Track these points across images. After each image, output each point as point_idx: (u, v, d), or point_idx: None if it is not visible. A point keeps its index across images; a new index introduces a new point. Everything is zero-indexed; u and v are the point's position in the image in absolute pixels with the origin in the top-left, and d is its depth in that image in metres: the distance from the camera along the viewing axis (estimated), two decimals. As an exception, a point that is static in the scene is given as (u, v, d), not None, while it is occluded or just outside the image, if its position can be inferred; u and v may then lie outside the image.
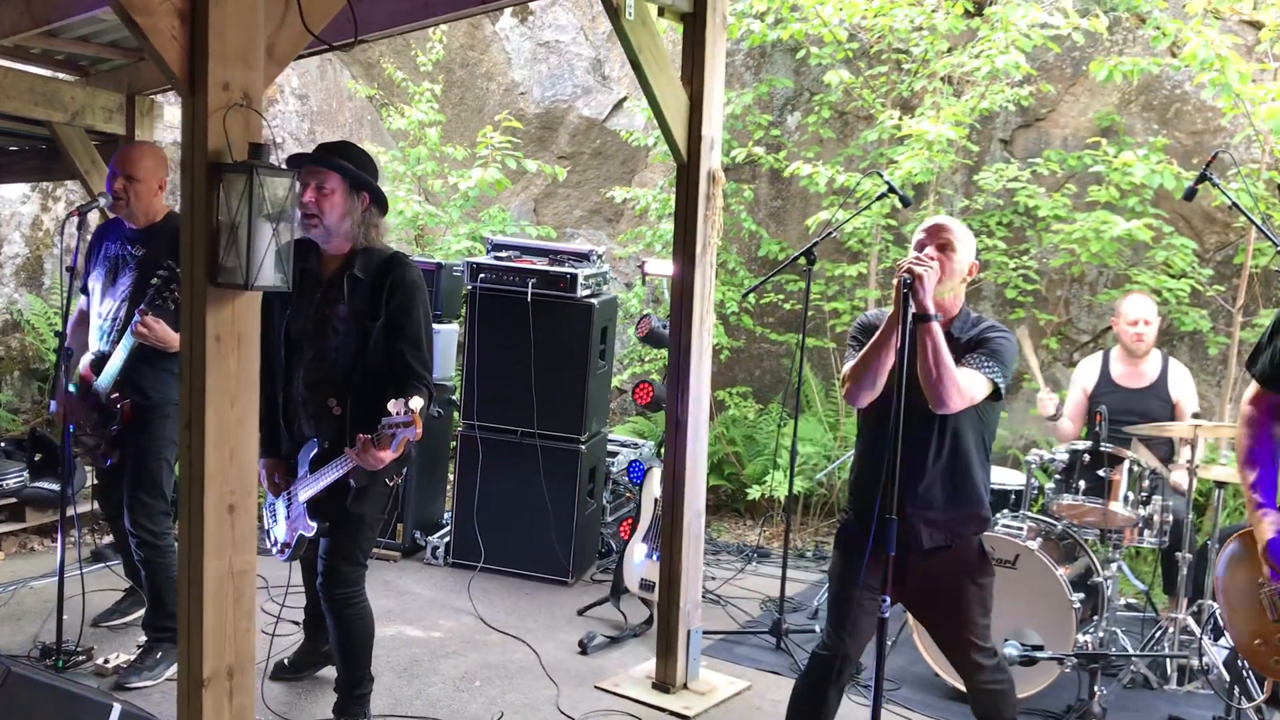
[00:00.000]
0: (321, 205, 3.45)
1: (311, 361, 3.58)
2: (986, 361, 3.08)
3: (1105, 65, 5.78)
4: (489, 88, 8.21)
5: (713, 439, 7.02)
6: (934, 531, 3.16)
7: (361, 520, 3.63)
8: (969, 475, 3.19)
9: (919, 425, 3.03)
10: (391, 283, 3.52)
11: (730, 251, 7.23)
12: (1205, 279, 6.01)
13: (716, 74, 4.15)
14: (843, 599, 3.28)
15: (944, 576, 3.21)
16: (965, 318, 3.23)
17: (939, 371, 2.93)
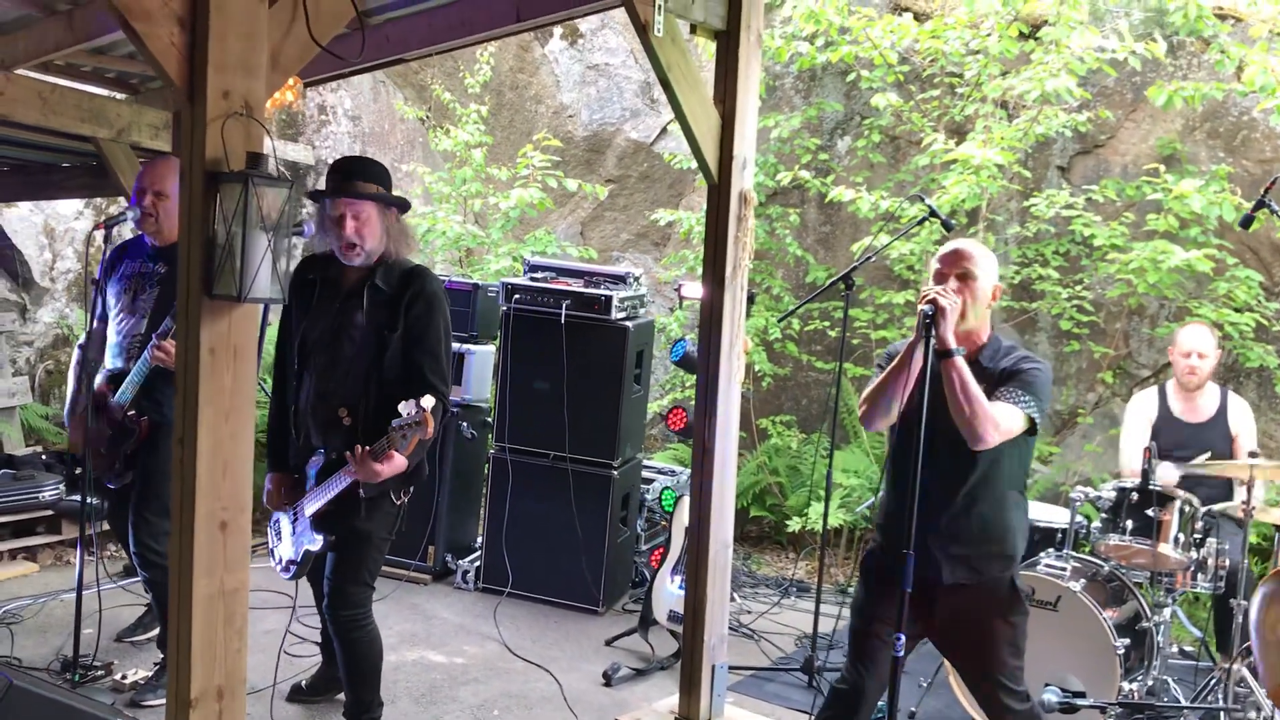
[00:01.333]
0: (362, 233, 3.46)
1: (325, 370, 3.54)
2: (1021, 395, 3.00)
3: (1165, 90, 5.58)
4: (538, 110, 8.19)
5: (755, 469, 6.88)
6: (956, 567, 3.09)
7: (369, 539, 3.56)
8: (998, 510, 3.11)
9: (945, 457, 2.97)
10: (412, 294, 3.51)
11: (775, 277, 7.10)
12: (1272, 313, 5.75)
13: (750, 93, 4.05)
14: (861, 633, 3.23)
15: (970, 613, 3.13)
16: (996, 346, 3.15)
17: (971, 407, 2.88)
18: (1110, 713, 4.00)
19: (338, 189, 3.47)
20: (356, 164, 3.62)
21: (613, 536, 5.44)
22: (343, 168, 3.55)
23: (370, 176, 3.53)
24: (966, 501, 3.07)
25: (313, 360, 3.56)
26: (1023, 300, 6.46)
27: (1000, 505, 3.11)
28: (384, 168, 3.63)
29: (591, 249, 7.76)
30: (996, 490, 3.09)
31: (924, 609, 3.05)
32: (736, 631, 5.21)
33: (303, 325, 3.58)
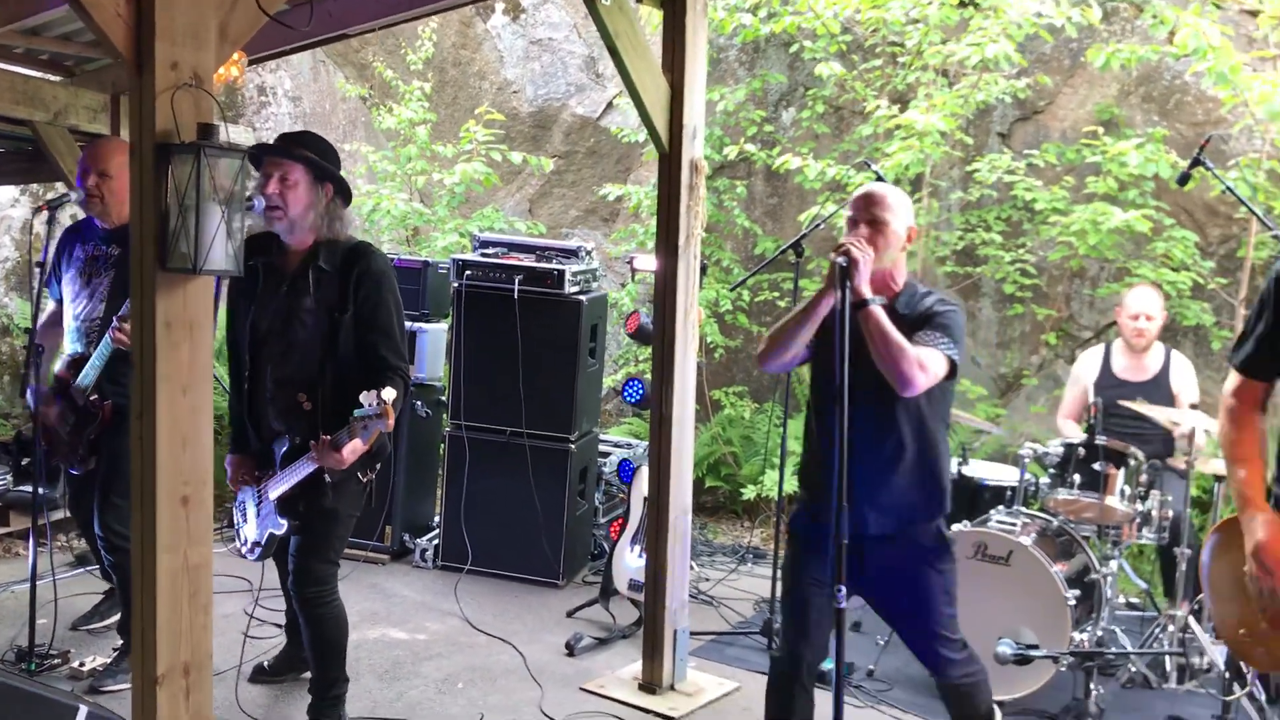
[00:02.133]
0: (285, 197, 3.39)
1: (280, 356, 3.51)
2: (940, 337, 2.96)
3: (1103, 52, 5.68)
4: (481, 86, 8.15)
5: (709, 439, 6.94)
6: (881, 517, 3.04)
7: (335, 517, 3.56)
8: (920, 457, 3.06)
9: (866, 407, 2.88)
10: (358, 273, 3.47)
11: (725, 249, 7.15)
12: (1207, 272, 5.90)
13: (698, 62, 4.07)
14: (793, 594, 3.19)
15: (900, 563, 3.09)
16: (912, 291, 3.11)
17: (893, 354, 2.84)
18: (1063, 662, 4.09)
19: (270, 147, 3.45)
20: (302, 134, 3.59)
21: (571, 510, 5.46)
22: (286, 134, 3.55)
23: (307, 144, 3.48)
24: (889, 450, 3.02)
25: (267, 347, 3.53)
26: (967, 265, 6.56)
27: (923, 452, 3.05)
28: (329, 145, 3.59)
29: (540, 225, 7.75)
30: (918, 437, 3.04)
31: (853, 564, 2.84)
32: (696, 598, 5.26)
33: (251, 312, 3.54)
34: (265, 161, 3.40)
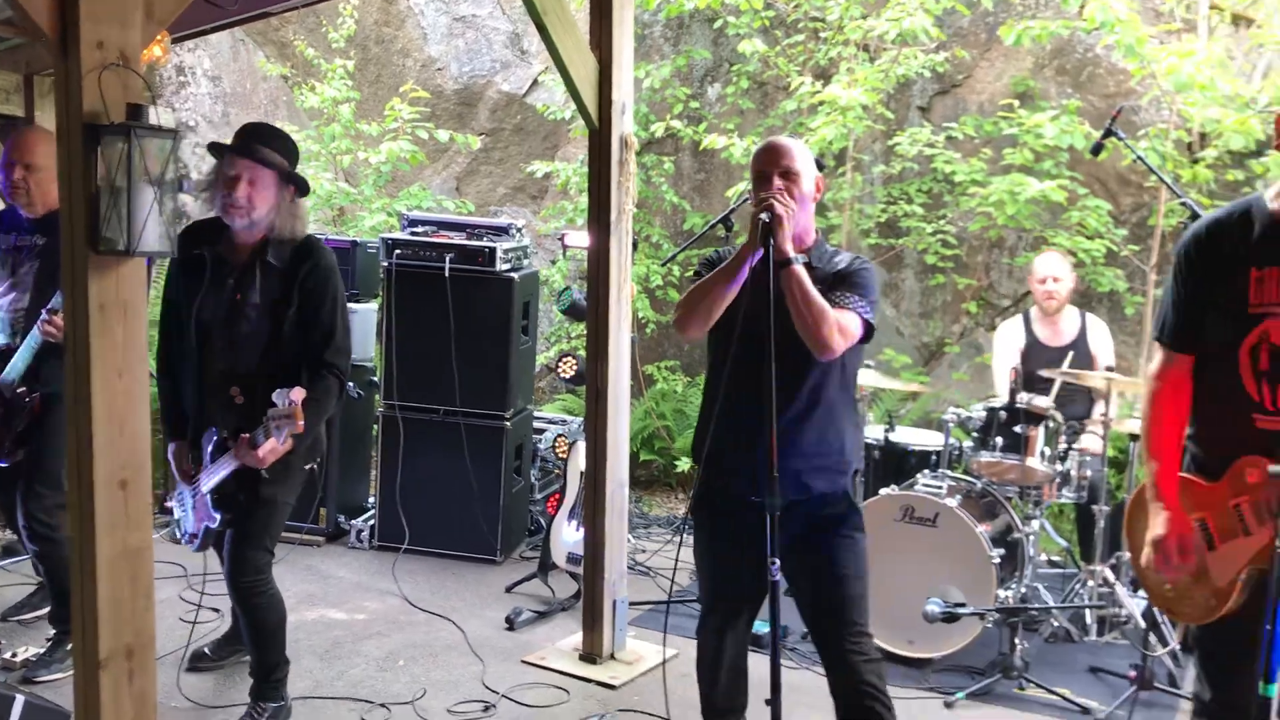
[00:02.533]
0: (253, 199, 3.41)
1: (223, 349, 3.50)
2: (856, 299, 2.85)
3: (1015, 29, 5.82)
4: (405, 64, 8.08)
5: (642, 414, 7.00)
6: (787, 484, 2.81)
7: (274, 505, 3.56)
8: (828, 421, 2.94)
9: (766, 372, 2.69)
10: (306, 268, 3.48)
11: (654, 225, 7.20)
12: (1120, 239, 6.10)
13: (625, 37, 4.11)
14: (709, 578, 3.12)
15: (807, 532, 2.93)
16: (822, 250, 3.00)
17: (815, 317, 2.72)
18: (988, 619, 4.24)
19: (242, 149, 3.42)
20: (269, 130, 3.57)
21: (507, 487, 5.49)
22: (253, 130, 3.51)
23: (279, 147, 3.49)
24: (797, 415, 2.88)
25: (210, 339, 3.50)
26: (889, 237, 6.70)
27: (831, 416, 2.94)
28: (295, 145, 3.59)
29: (469, 203, 7.73)
30: (827, 401, 2.92)
31: (758, 536, 2.67)
32: (633, 569, 5.33)
33: (195, 303, 3.50)
34: (231, 159, 3.40)
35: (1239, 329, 2.51)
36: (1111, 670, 4.33)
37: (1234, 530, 2.52)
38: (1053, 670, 4.34)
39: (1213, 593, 2.57)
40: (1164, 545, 2.59)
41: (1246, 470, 2.47)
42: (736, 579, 3.04)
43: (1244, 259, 2.50)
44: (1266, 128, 5.37)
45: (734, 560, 2.99)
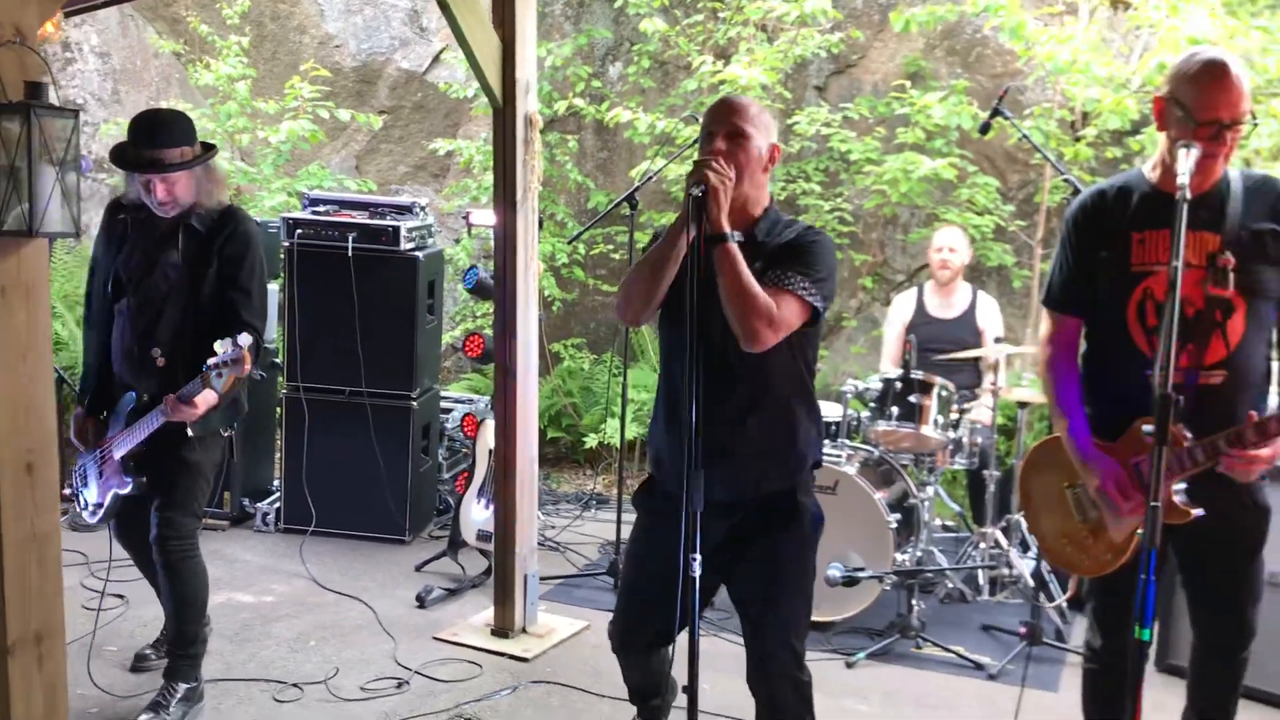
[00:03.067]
0: (173, 193, 3.48)
1: (139, 309, 3.53)
2: (800, 280, 2.57)
3: (903, 17, 5.99)
4: (302, 41, 7.95)
5: (549, 392, 7.06)
6: (731, 483, 2.63)
7: (199, 470, 3.60)
8: (778, 414, 2.70)
9: (716, 359, 2.54)
10: (227, 233, 3.55)
11: (559, 204, 7.23)
12: (1008, 215, 6.34)
13: (528, 15, 4.13)
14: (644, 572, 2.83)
15: (754, 536, 2.71)
16: (774, 218, 2.73)
17: (744, 304, 2.48)
18: (887, 582, 4.41)
19: (142, 162, 3.43)
20: (161, 125, 3.52)
21: (415, 467, 5.50)
22: (147, 133, 3.46)
23: (174, 140, 3.47)
24: (745, 406, 2.67)
25: (126, 298, 3.54)
26: (788, 215, 6.83)
27: (783, 407, 2.71)
28: (186, 121, 3.57)
29: (370, 182, 7.66)
30: (778, 390, 2.69)
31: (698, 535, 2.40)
32: (543, 545, 5.39)
33: (116, 262, 3.56)
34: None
35: (1124, 287, 2.69)
36: (1003, 628, 4.54)
37: (1132, 487, 2.66)
38: (948, 629, 4.53)
39: (1109, 547, 2.73)
40: (1106, 493, 2.71)
41: (1144, 431, 2.55)
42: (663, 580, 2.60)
43: (1126, 224, 2.70)
44: (1142, 107, 5.63)
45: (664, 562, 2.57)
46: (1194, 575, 2.85)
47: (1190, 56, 2.67)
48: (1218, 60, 2.60)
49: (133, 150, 3.46)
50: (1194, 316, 2.64)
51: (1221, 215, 2.66)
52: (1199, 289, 2.63)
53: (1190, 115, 2.58)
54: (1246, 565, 2.78)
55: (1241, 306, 2.65)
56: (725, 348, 2.55)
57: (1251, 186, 2.70)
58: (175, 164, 3.44)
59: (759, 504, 2.71)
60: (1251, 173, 2.80)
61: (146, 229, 3.57)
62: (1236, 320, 2.65)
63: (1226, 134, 2.59)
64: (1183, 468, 2.58)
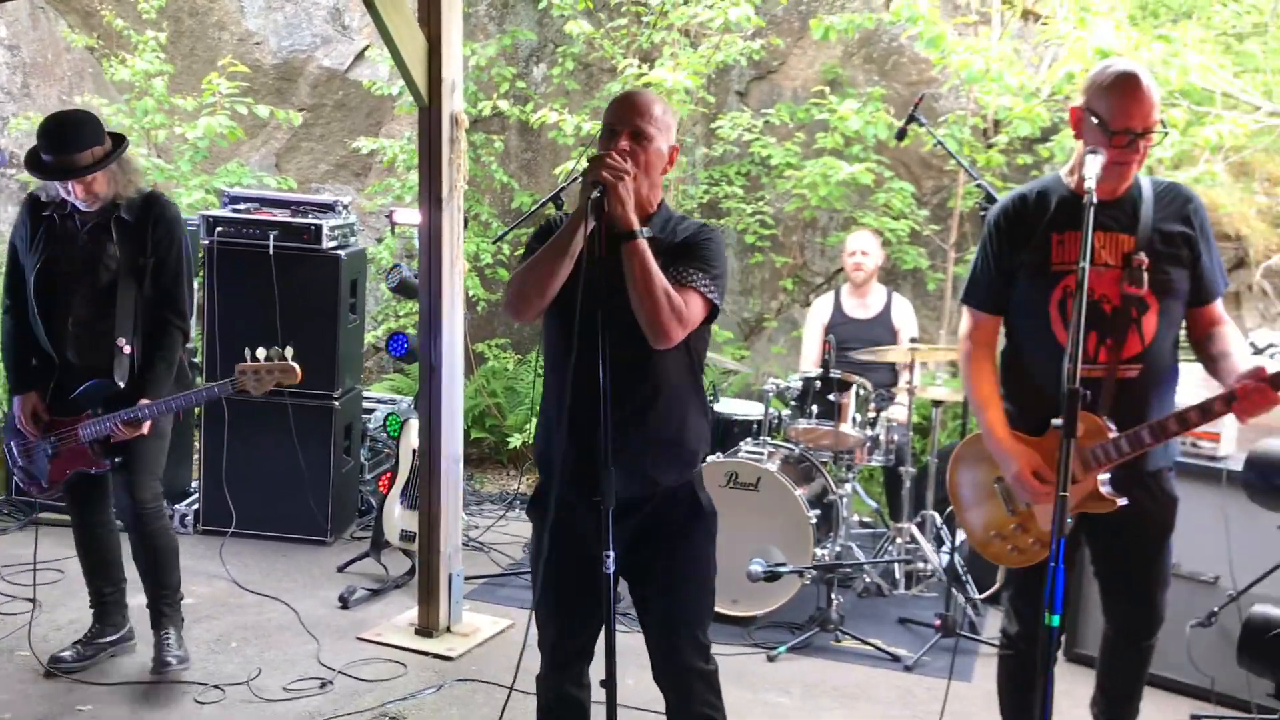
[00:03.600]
0: (93, 191, 3.63)
1: (86, 301, 3.68)
2: (701, 277, 2.55)
3: (823, 25, 6.12)
4: (221, 37, 7.82)
5: (473, 392, 7.04)
6: (628, 480, 2.50)
7: (160, 434, 3.87)
8: (672, 410, 2.64)
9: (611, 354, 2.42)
10: (154, 219, 3.73)
11: (484, 204, 7.23)
12: (922, 220, 6.50)
13: (454, 15, 4.15)
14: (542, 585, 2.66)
15: (648, 531, 2.65)
16: (667, 215, 2.69)
17: (655, 301, 2.43)
18: (807, 576, 4.50)
19: (56, 169, 3.56)
20: (68, 133, 3.60)
21: (337, 467, 5.46)
22: (57, 141, 3.57)
23: (83, 142, 3.58)
24: (642, 403, 2.59)
25: (64, 289, 3.69)
26: (711, 217, 6.93)
27: (677, 403, 2.66)
28: (93, 121, 3.68)
29: (290, 180, 7.57)
30: (672, 387, 2.64)
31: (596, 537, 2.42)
32: (467, 545, 5.39)
33: (45, 253, 3.67)
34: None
35: (1045, 286, 2.83)
36: (919, 620, 4.66)
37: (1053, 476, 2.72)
38: (866, 622, 4.64)
39: (1037, 538, 2.85)
40: (1023, 479, 2.82)
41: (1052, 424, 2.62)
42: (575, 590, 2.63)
43: (1045, 226, 2.84)
44: (1052, 115, 5.83)
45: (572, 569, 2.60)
46: (1106, 564, 2.99)
47: (1104, 68, 2.80)
48: (1130, 72, 2.74)
49: (44, 157, 3.59)
50: (1110, 313, 2.78)
51: (1135, 218, 2.81)
52: (1116, 287, 2.77)
53: (1105, 125, 2.72)
54: (1156, 553, 2.92)
55: (1154, 305, 2.80)
56: (621, 344, 2.44)
57: (1160, 192, 2.87)
58: (88, 166, 3.56)
59: (660, 501, 2.66)
60: (1160, 179, 2.97)
61: (73, 224, 3.68)
62: (1150, 318, 2.80)
63: (1139, 142, 2.73)
64: (1109, 459, 2.71)
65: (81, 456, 3.74)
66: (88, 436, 3.70)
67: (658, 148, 2.58)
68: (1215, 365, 2.83)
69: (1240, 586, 3.29)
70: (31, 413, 3.78)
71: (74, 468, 3.77)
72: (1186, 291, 2.85)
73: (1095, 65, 2.82)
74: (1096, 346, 2.79)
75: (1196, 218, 2.85)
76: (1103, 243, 2.79)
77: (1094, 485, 2.73)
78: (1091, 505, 2.76)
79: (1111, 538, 2.88)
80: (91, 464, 3.75)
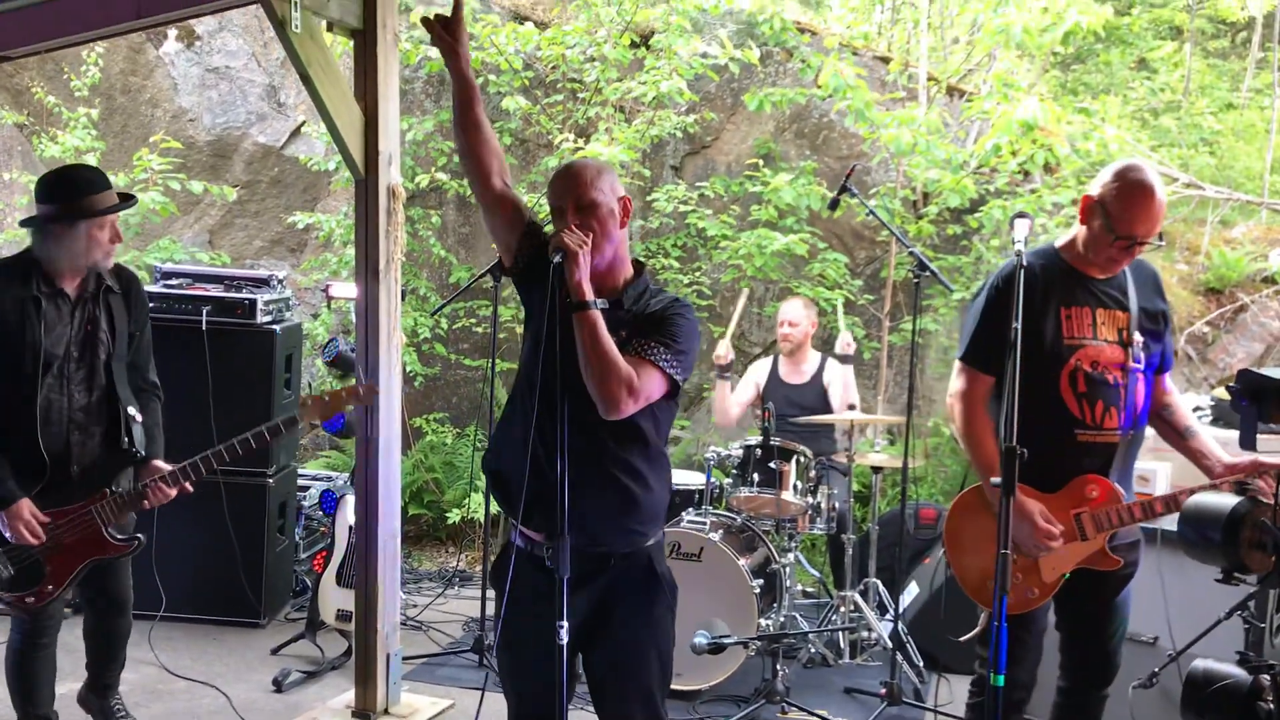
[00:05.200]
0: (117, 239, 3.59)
1: (85, 380, 3.56)
2: (662, 352, 2.55)
3: (758, 96, 6.26)
4: (154, 114, 7.78)
5: (411, 468, 6.95)
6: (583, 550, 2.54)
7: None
8: (627, 480, 2.63)
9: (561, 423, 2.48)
10: (134, 292, 3.73)
11: (421, 278, 7.21)
12: (856, 290, 6.60)
13: (390, 89, 4.16)
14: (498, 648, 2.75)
15: (614, 606, 2.65)
16: (643, 287, 2.70)
17: (603, 371, 2.46)
18: (751, 647, 4.46)
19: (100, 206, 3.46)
20: (96, 176, 3.60)
21: (271, 547, 5.33)
22: (83, 181, 3.51)
23: (107, 185, 3.55)
24: (592, 470, 2.56)
25: (63, 374, 3.51)
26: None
27: (631, 474, 2.63)
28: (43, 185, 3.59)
29: (224, 256, 7.51)
30: (623, 458, 2.62)
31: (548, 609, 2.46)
32: (405, 624, 5.28)
33: (32, 337, 3.42)
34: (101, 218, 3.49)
35: (1056, 359, 2.98)
36: (864, 689, 4.63)
37: (1071, 535, 2.94)
38: (812, 693, 4.61)
39: (1037, 584, 2.96)
40: (1035, 525, 2.91)
41: (1089, 487, 2.95)
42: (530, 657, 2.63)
43: (1055, 299, 2.99)
44: (979, 187, 6.00)
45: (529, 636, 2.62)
46: (1068, 611, 3.11)
47: (1125, 170, 2.95)
48: (1148, 184, 2.89)
49: (75, 202, 3.43)
50: (1114, 385, 2.98)
51: (1125, 295, 3.03)
52: (1119, 362, 2.97)
53: (1110, 226, 2.89)
54: (1113, 599, 3.07)
55: (1141, 378, 3.02)
56: (578, 409, 2.50)
57: (1134, 268, 3.06)
58: (123, 201, 3.57)
59: (615, 571, 2.65)
60: None
61: (59, 298, 3.51)
62: (1140, 388, 3.02)
63: (1136, 248, 2.92)
64: (1120, 522, 2.92)
65: (96, 544, 3.57)
66: (106, 518, 3.56)
67: (608, 208, 2.60)
68: (1185, 442, 3.08)
69: (1179, 646, 3.33)
70: (31, 523, 3.43)
71: (87, 559, 3.56)
72: (1158, 361, 3.09)
73: (1117, 161, 3.00)
74: (1103, 414, 2.97)
75: (1161, 293, 3.10)
76: (1104, 319, 3.01)
77: (1102, 545, 2.93)
78: (1097, 563, 2.96)
79: (1081, 585, 3.00)
80: (112, 549, 3.63)
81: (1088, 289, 3.00)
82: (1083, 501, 2.95)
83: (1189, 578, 3.55)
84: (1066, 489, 2.97)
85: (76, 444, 3.55)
